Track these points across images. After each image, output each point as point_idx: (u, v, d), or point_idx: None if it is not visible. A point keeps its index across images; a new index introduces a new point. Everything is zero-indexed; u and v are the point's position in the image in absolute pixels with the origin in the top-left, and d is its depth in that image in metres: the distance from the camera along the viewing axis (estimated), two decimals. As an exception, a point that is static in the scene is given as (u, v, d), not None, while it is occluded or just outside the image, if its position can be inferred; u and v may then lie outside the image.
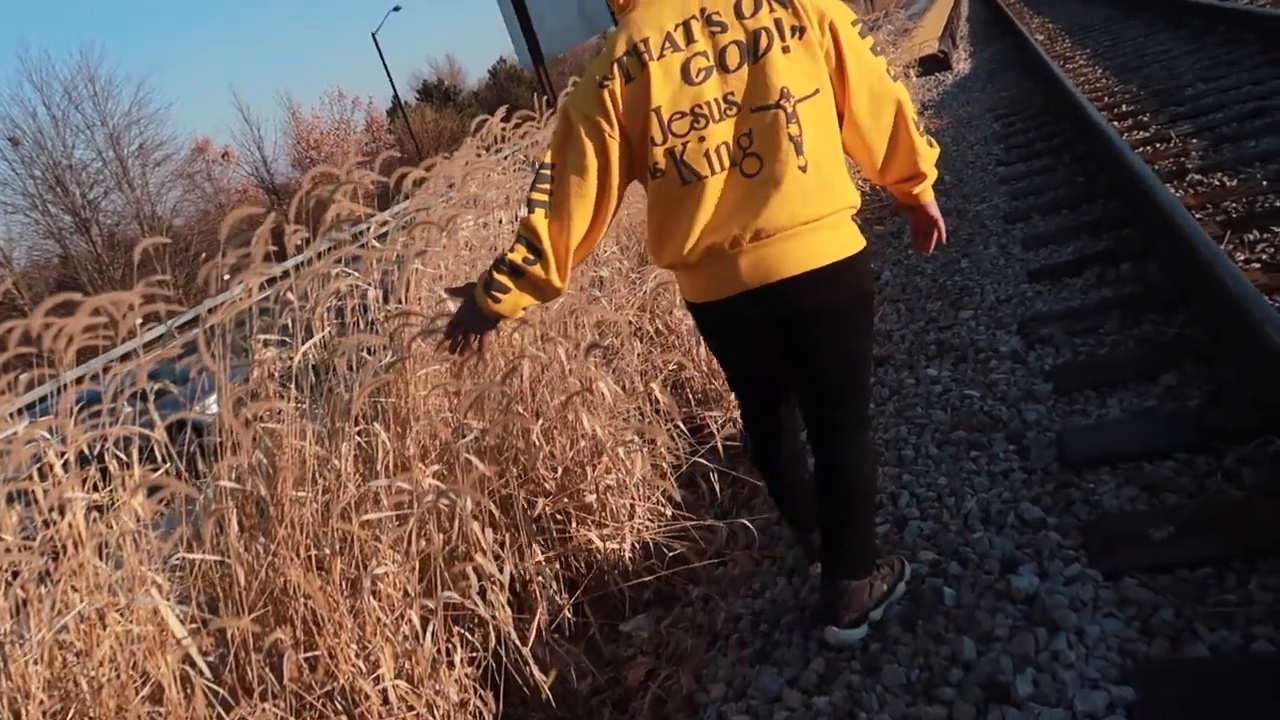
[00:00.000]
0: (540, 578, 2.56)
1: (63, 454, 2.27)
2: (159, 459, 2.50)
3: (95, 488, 2.40)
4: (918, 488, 2.60)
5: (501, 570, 2.35)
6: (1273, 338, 2.26)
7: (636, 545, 2.82)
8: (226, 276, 2.51)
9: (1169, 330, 2.96)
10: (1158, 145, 5.15)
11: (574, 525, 2.82)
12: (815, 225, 1.78)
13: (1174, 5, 10.42)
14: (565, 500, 2.85)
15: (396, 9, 41.83)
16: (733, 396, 3.65)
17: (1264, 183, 3.89)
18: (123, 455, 2.33)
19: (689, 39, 1.79)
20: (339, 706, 2.13)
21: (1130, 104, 6.54)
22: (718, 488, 3.16)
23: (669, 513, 2.96)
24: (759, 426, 2.16)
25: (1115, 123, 5.97)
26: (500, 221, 4.30)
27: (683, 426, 3.23)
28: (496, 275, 1.89)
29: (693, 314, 2.03)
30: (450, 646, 2.25)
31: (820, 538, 2.11)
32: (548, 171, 1.86)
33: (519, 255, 1.87)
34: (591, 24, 5.76)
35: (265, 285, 2.81)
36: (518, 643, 2.28)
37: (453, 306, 2.19)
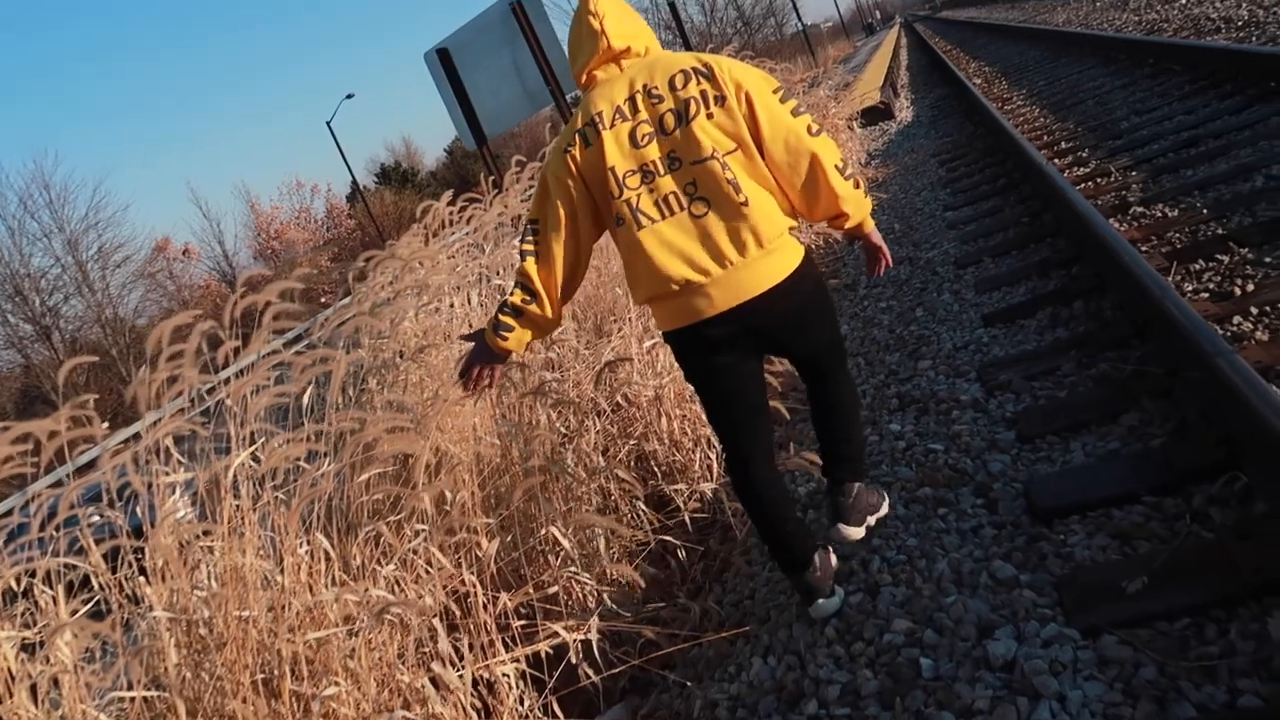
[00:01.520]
0: (506, 679, 2.44)
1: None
2: (96, 587, 2.38)
3: (28, 625, 2.28)
4: (888, 551, 2.52)
5: (462, 676, 2.24)
6: (1227, 373, 2.23)
7: (606, 634, 2.71)
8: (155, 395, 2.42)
9: (1125, 367, 2.93)
10: (1099, 180, 5.22)
11: (540, 618, 2.71)
12: (766, 250, 2.11)
13: (1102, 42, 10.74)
14: (529, 592, 2.75)
15: (349, 96, 42.44)
16: (697, 466, 3.60)
17: (1204, 211, 3.93)
18: (50, 591, 2.20)
19: (634, 110, 2.16)
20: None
21: (1069, 141, 6.66)
22: (687, 564, 3.07)
23: (639, 595, 2.86)
24: (740, 455, 2.37)
25: (1056, 160, 6.07)
26: (452, 305, 4.25)
27: (643, 509, 3.13)
28: (501, 317, 2.27)
29: (671, 344, 2.31)
30: (411, 765, 2.13)
31: (823, 458, 2.50)
32: (532, 225, 2.26)
33: (518, 297, 2.25)
34: (534, 99, 5.79)
35: (204, 396, 2.72)
36: (483, 755, 2.16)
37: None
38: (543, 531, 2.81)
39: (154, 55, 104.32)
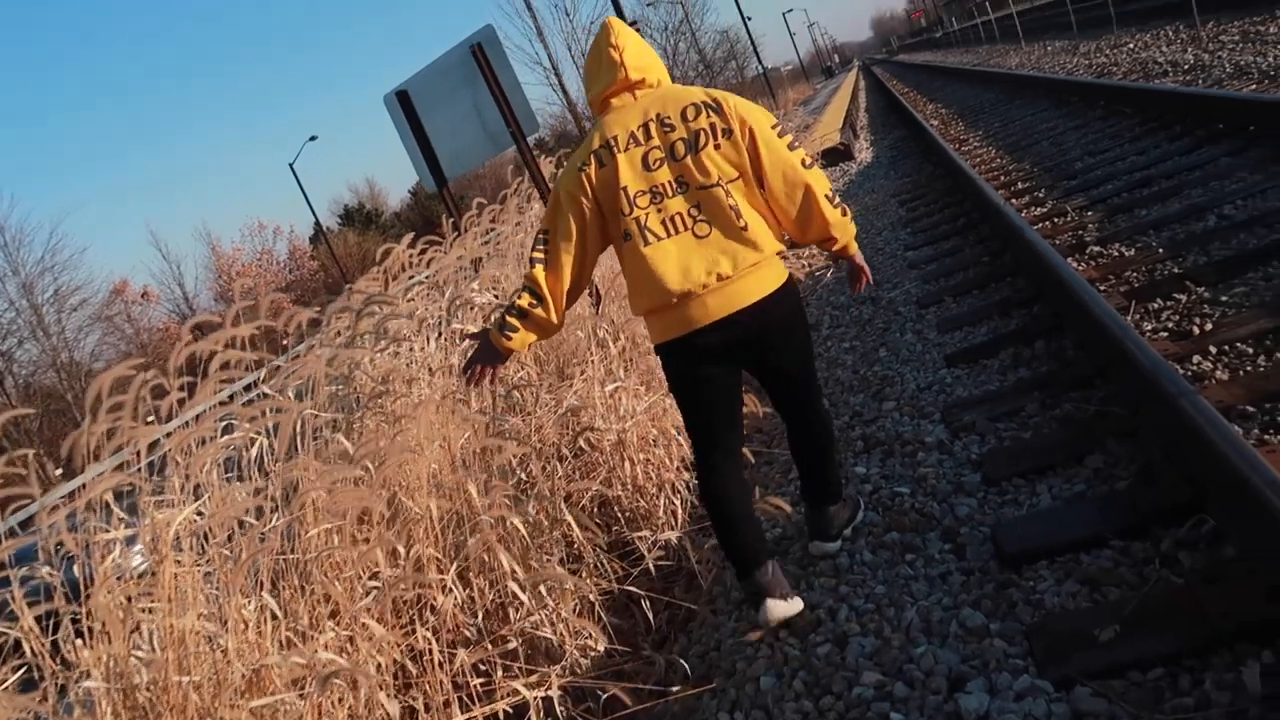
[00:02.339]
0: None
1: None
2: (27, 652, 2.25)
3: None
4: (856, 600, 2.47)
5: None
6: (1190, 414, 2.22)
7: (569, 690, 2.62)
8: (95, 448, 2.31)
9: (1089, 408, 2.92)
10: (1055, 220, 5.29)
11: (499, 675, 2.61)
12: (756, 267, 2.32)
13: (1055, 85, 10.99)
14: (487, 647, 2.65)
15: (313, 138, 42.34)
16: (661, 512, 3.54)
17: (1160, 250, 3.98)
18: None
19: (647, 136, 2.35)
20: None
21: (1025, 181, 6.76)
22: (651, 614, 2.99)
23: (602, 647, 2.78)
24: (712, 461, 2.53)
25: (1013, 200, 6.15)
26: (413, 349, 4.17)
27: (606, 559, 3.05)
28: (508, 318, 2.43)
29: (662, 355, 2.47)
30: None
31: (802, 482, 2.70)
32: (543, 235, 2.43)
33: (525, 301, 2.41)
34: (495, 141, 5.75)
35: (148, 449, 2.61)
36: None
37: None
38: (503, 584, 2.72)
39: (115, 98, 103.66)
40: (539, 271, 2.41)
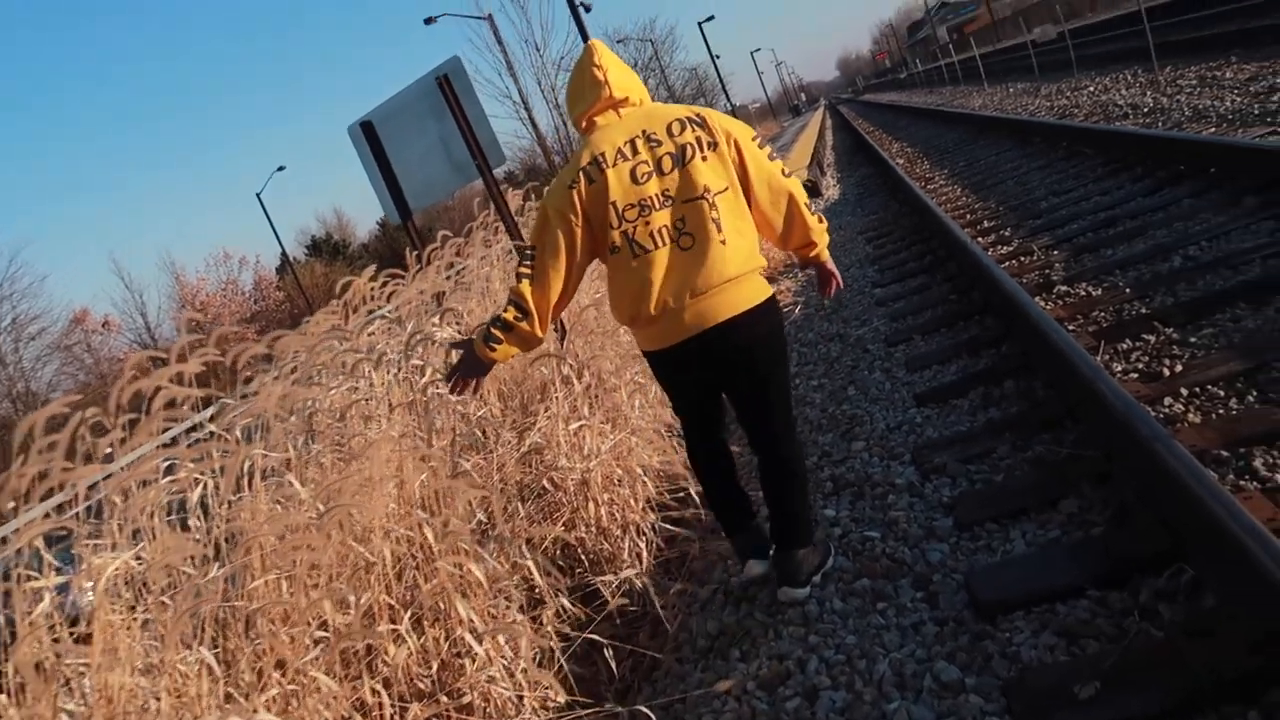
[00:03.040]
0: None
1: None
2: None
3: None
4: (826, 650, 2.38)
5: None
6: (1166, 459, 2.17)
7: (527, 746, 2.50)
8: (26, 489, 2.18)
9: (1061, 450, 2.88)
10: (1022, 259, 5.29)
11: (454, 730, 2.48)
12: (735, 282, 2.38)
13: (1018, 125, 11.15)
14: (442, 700, 2.53)
15: (281, 169, 42.03)
16: (626, 555, 3.44)
17: (1127, 290, 3.97)
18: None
19: (634, 151, 2.41)
20: None
21: (991, 220, 6.80)
22: (614, 663, 2.88)
23: (563, 699, 2.66)
24: (702, 445, 2.74)
25: (979, 239, 6.17)
26: (373, 384, 4.05)
27: (568, 605, 2.93)
28: (493, 330, 2.47)
29: (649, 361, 2.59)
30: None
31: (771, 522, 2.69)
32: (530, 252, 2.47)
33: (510, 314, 2.46)
34: (462, 173, 5.67)
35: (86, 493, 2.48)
36: None
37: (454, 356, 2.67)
38: (458, 633, 2.60)
39: (80, 126, 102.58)
40: (525, 286, 2.45)
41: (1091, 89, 13.15)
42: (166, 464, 2.50)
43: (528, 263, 2.47)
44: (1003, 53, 30.89)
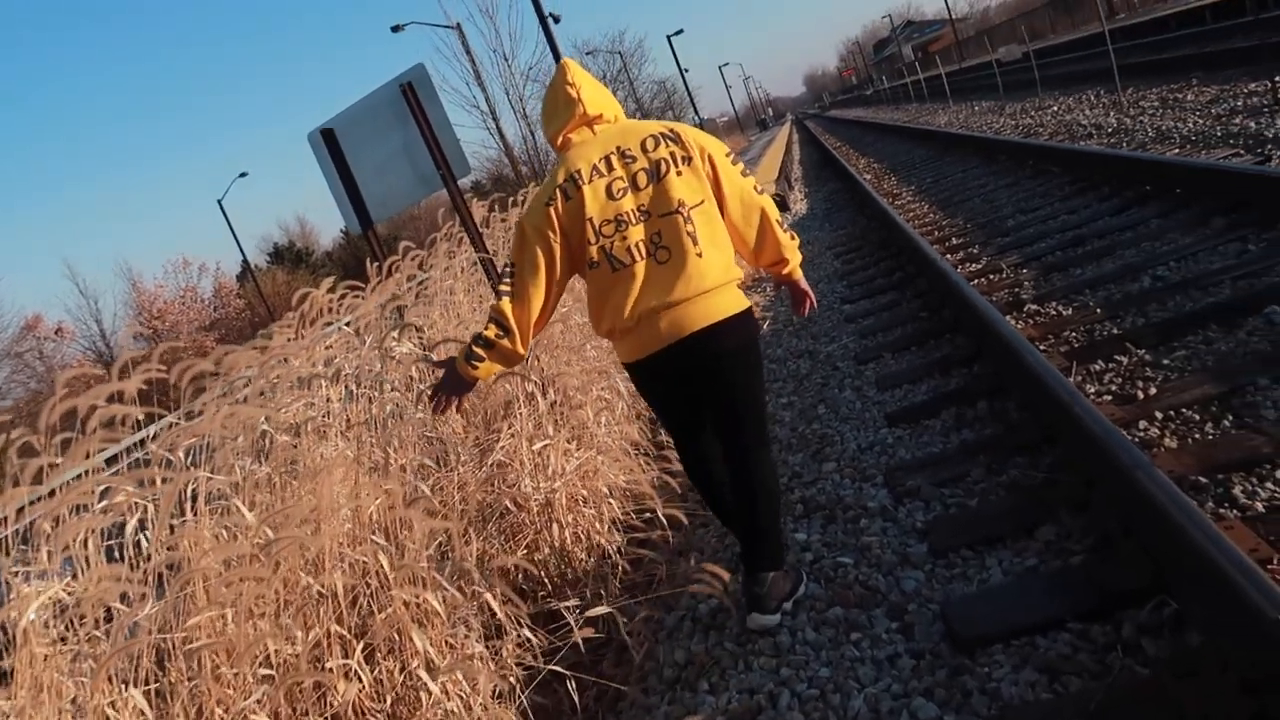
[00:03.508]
0: None
1: None
2: None
3: None
4: (798, 684, 2.29)
5: None
6: (1147, 487, 2.11)
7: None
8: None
9: (1037, 475, 2.81)
10: (991, 277, 5.27)
11: (408, 769, 2.36)
12: (710, 293, 2.39)
13: (984, 143, 11.23)
14: (396, 738, 2.40)
15: (243, 175, 41.53)
16: (591, 579, 3.33)
17: (1098, 310, 3.94)
18: None
19: (610, 168, 2.42)
20: None
21: (959, 237, 6.79)
22: (576, 695, 2.76)
23: (523, 735, 2.54)
24: (691, 450, 2.72)
25: (948, 256, 6.14)
26: (329, 400, 3.90)
27: (529, 634, 2.81)
28: (474, 348, 2.47)
29: (630, 374, 2.59)
30: None
31: (741, 543, 2.65)
32: (510, 269, 2.47)
33: (491, 332, 2.46)
34: (426, 183, 5.55)
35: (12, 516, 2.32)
36: None
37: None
38: (414, 664, 2.48)
39: (35, 127, 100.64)
40: (505, 304, 2.45)
41: (1055, 109, 13.30)
42: (103, 489, 2.35)
43: (508, 280, 2.47)
44: (967, 71, 31.31)
